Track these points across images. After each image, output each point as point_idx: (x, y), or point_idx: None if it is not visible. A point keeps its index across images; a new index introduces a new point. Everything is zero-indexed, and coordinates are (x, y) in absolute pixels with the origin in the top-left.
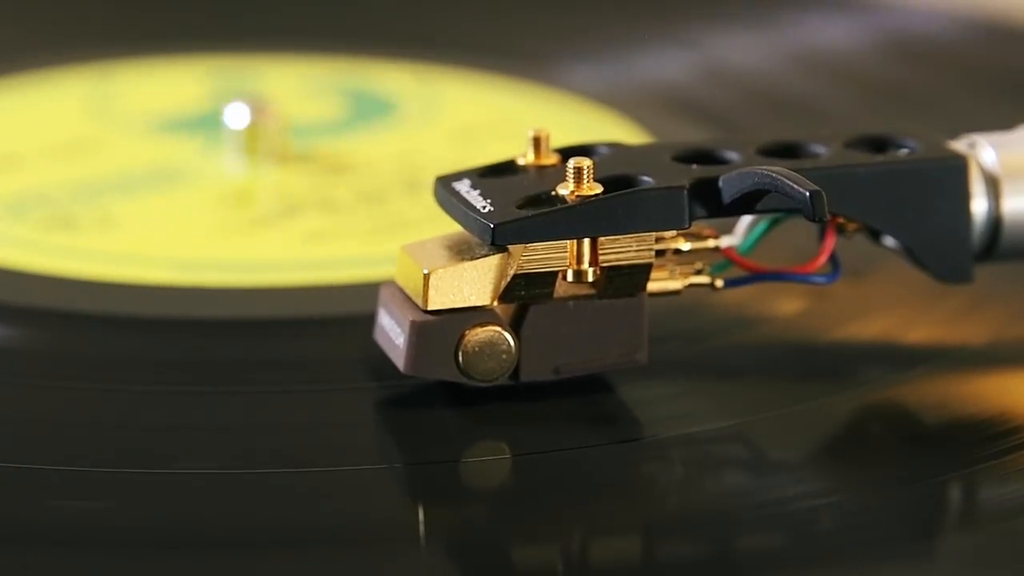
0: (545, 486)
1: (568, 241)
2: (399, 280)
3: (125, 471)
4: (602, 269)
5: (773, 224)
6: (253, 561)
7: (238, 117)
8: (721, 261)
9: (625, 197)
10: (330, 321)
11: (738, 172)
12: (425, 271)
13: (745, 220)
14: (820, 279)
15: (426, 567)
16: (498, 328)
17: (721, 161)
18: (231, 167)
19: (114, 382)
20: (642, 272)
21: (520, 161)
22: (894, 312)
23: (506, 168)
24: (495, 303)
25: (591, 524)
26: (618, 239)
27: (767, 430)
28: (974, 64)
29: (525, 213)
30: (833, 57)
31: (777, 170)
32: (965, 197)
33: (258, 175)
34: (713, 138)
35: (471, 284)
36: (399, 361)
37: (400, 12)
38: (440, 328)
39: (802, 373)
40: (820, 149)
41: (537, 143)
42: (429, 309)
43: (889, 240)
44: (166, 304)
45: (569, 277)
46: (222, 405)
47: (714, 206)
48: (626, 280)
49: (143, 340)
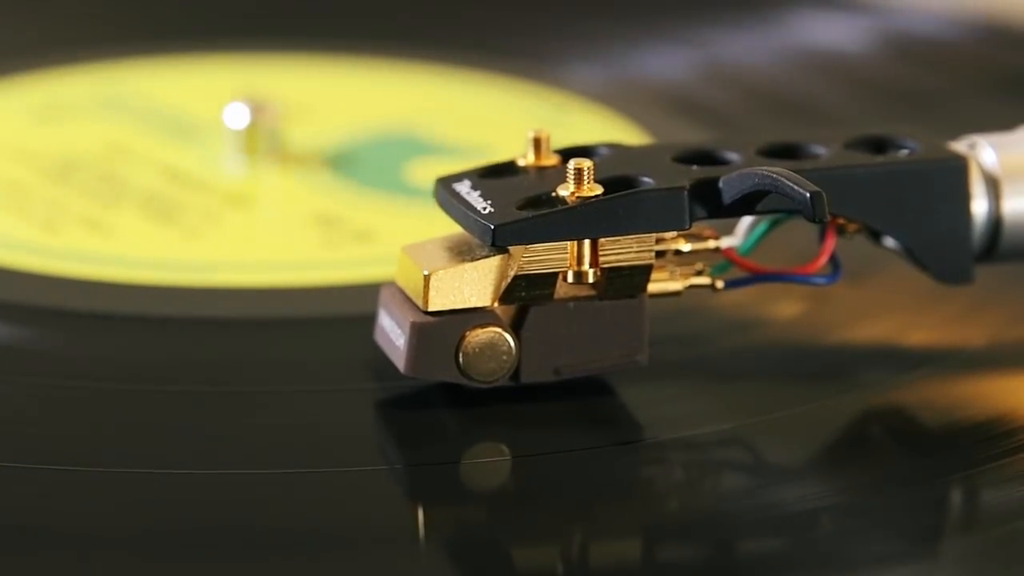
0: (545, 487)
1: (568, 242)
2: (399, 281)
3: (125, 471)
4: (602, 270)
5: (773, 225)
6: (253, 562)
7: (238, 117)
8: (721, 262)
9: (625, 198)
10: (330, 321)
11: (738, 173)
12: (425, 272)
13: (745, 221)
14: (820, 280)
15: (426, 568)
16: (498, 329)
17: (721, 162)
18: (231, 167)
19: (114, 382)
20: (642, 273)
21: (520, 162)
22: (894, 313)
23: (506, 169)
24: (495, 304)
25: (591, 526)
26: (618, 240)
27: (767, 432)
28: (974, 64)
29: (525, 214)
30: (833, 57)
31: (777, 171)
32: (965, 198)
33: (257, 175)
34: (713, 139)
35: (471, 285)
36: (399, 362)
37: (401, 12)
38: (440, 329)
39: (802, 375)
40: (820, 150)
41: (537, 144)
42: (429, 310)
43: (889, 241)
44: (166, 304)
45: (569, 278)
46: (222, 405)
47: (714, 207)
48: (626, 281)
49: (143, 340)
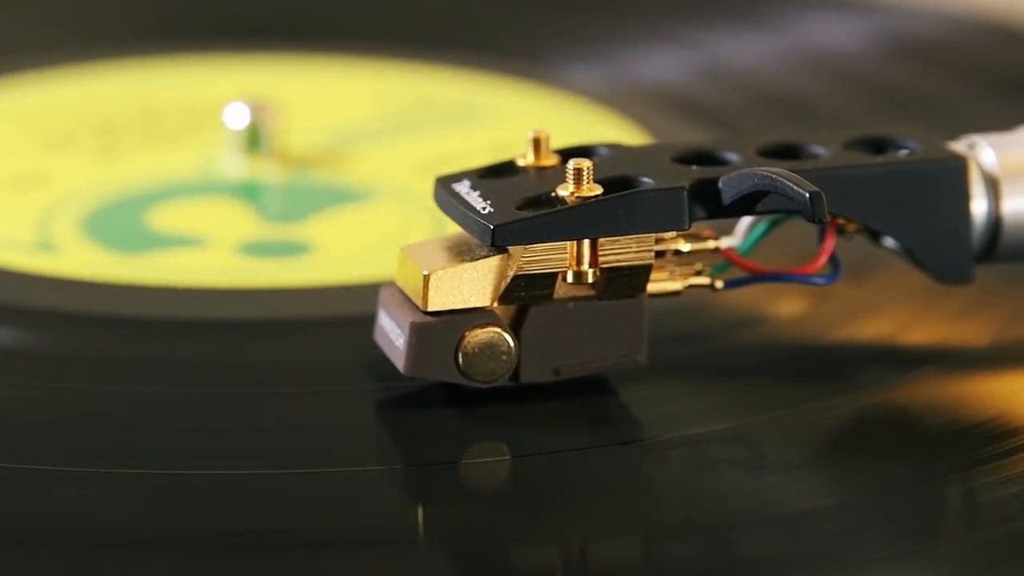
0: (545, 487)
1: (568, 242)
2: (399, 281)
3: (124, 471)
4: (602, 270)
5: (773, 225)
6: (253, 562)
7: (238, 117)
8: (721, 262)
9: (625, 198)
10: (330, 321)
11: (738, 173)
12: (425, 272)
13: (745, 221)
14: (820, 280)
15: (426, 568)
16: (498, 329)
17: (721, 162)
18: (230, 167)
19: (113, 382)
20: (642, 273)
21: (520, 162)
22: (894, 313)
23: (506, 169)
24: (495, 304)
25: (591, 525)
26: (618, 240)
27: (767, 431)
28: (974, 64)
29: (525, 214)
30: (833, 57)
31: (777, 171)
32: (965, 198)
33: (256, 176)
34: (713, 139)
35: (471, 285)
36: (399, 362)
37: (400, 12)
38: (440, 329)
39: (802, 374)
40: (820, 150)
41: (537, 144)
42: (429, 310)
43: (889, 241)
44: (166, 304)
45: (569, 278)
46: (222, 405)
47: (714, 207)
48: (626, 281)
49: (143, 340)
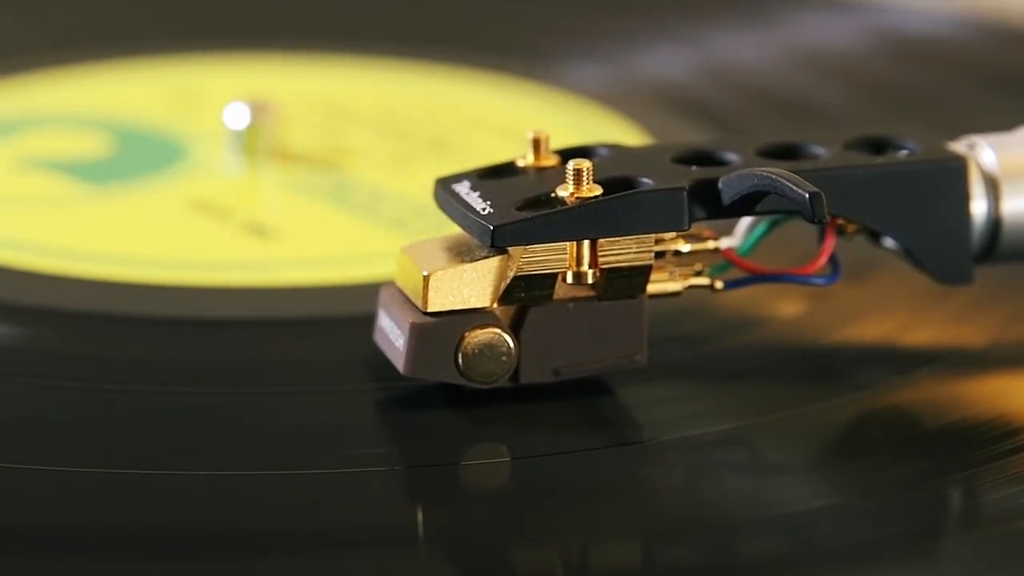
0: (545, 488)
1: (568, 243)
2: (399, 281)
3: (124, 471)
4: (602, 271)
5: (773, 225)
6: (252, 562)
7: (238, 117)
8: (721, 262)
9: (625, 199)
10: (330, 321)
11: (737, 174)
12: (425, 273)
13: (745, 221)
14: (820, 280)
15: (426, 568)
16: (498, 330)
17: (721, 162)
18: (229, 167)
19: (113, 382)
20: (642, 274)
21: (520, 163)
22: (894, 314)
23: (506, 170)
24: (495, 305)
25: (591, 527)
26: (618, 241)
27: (767, 433)
28: (974, 64)
29: (525, 215)
30: (833, 57)
31: (776, 171)
32: (965, 198)
33: (254, 175)
34: (713, 139)
35: (471, 286)
36: (399, 363)
37: (400, 12)
38: (440, 330)
39: (802, 375)
40: (819, 150)
41: (536, 144)
42: (429, 311)
43: (889, 241)
44: (166, 304)
45: (569, 279)
46: (222, 405)
47: (714, 207)
48: (626, 282)
49: (142, 340)
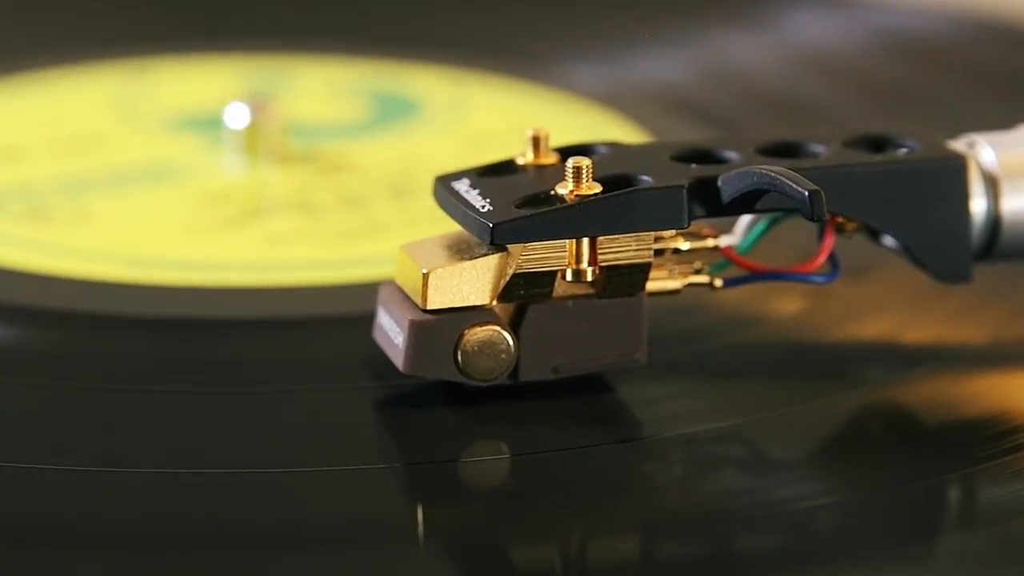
0: (544, 486)
1: (567, 241)
2: (398, 279)
3: (124, 471)
4: (601, 268)
5: (772, 223)
6: (252, 561)
7: (238, 117)
8: (720, 260)
9: (624, 196)
10: (330, 321)
11: (737, 172)
12: (424, 270)
13: (744, 219)
14: (819, 278)
15: (426, 567)
16: (497, 327)
17: (720, 160)
18: (228, 167)
19: (113, 382)
20: (641, 271)
21: (519, 160)
22: (894, 312)
23: (505, 167)
24: (494, 302)
25: (590, 524)
26: (617, 238)
27: (766, 430)
28: (974, 64)
29: (524, 212)
30: (833, 57)
31: (776, 169)
32: (964, 197)
33: (251, 175)
34: (712, 138)
35: (470, 283)
36: (398, 360)
37: (400, 12)
38: (439, 327)
39: (801, 373)
40: (819, 149)
41: (536, 142)
42: (428, 308)
43: (888, 240)
44: (166, 304)
45: (568, 276)
46: (221, 405)
47: (713, 205)
48: (625, 279)
49: (142, 340)
